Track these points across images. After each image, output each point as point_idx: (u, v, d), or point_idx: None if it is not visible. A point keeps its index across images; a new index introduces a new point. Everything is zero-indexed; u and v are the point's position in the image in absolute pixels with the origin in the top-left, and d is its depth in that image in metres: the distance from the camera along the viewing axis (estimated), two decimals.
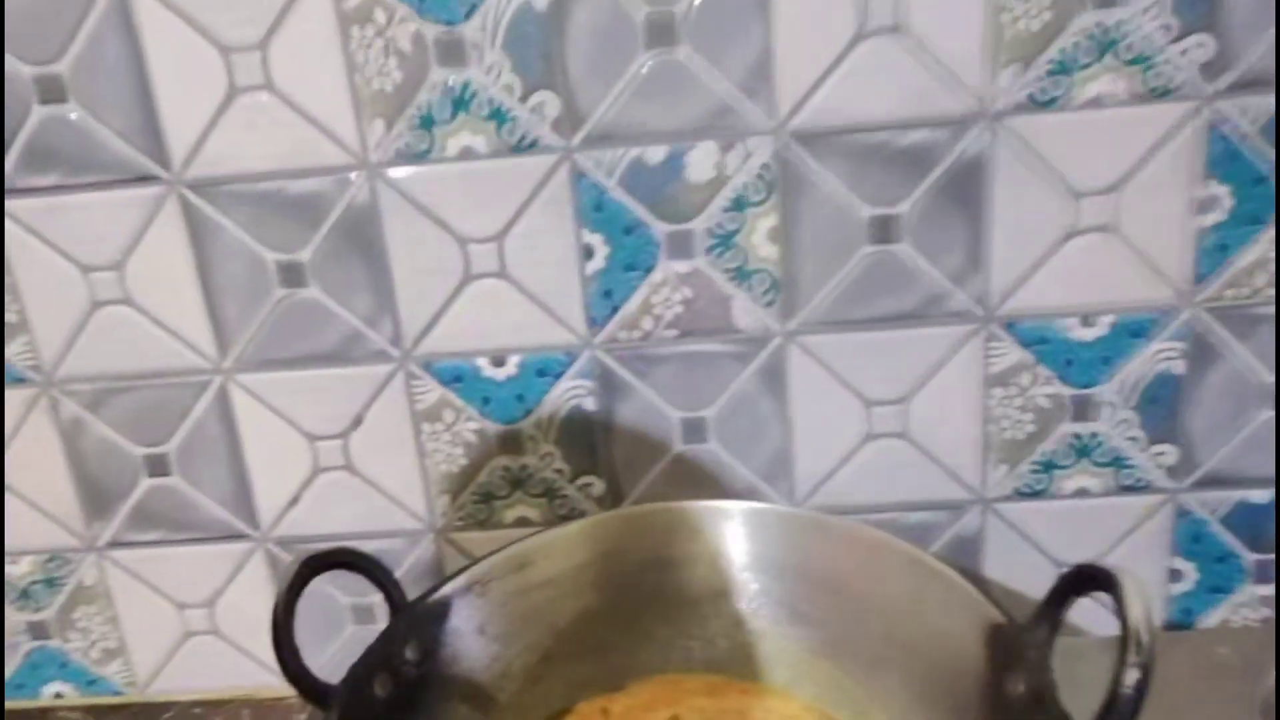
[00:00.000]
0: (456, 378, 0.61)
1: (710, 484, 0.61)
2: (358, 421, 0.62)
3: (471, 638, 0.46)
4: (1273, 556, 0.61)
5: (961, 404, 0.59)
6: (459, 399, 0.61)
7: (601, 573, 0.49)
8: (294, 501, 0.64)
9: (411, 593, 0.46)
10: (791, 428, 0.60)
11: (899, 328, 0.58)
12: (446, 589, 0.46)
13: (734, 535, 0.49)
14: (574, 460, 0.62)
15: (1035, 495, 0.61)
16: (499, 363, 0.60)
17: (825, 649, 0.46)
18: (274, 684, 0.66)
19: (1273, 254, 0.55)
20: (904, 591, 0.43)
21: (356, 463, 0.63)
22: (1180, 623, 0.63)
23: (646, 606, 0.49)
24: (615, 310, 0.59)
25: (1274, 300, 0.56)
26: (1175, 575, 0.62)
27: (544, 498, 0.63)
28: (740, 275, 0.57)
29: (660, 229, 0.57)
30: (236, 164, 0.57)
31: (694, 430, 0.61)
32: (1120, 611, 0.32)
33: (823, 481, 0.62)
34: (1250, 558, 0.61)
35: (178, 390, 0.62)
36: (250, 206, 0.57)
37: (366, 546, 0.48)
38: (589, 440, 0.62)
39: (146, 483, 0.64)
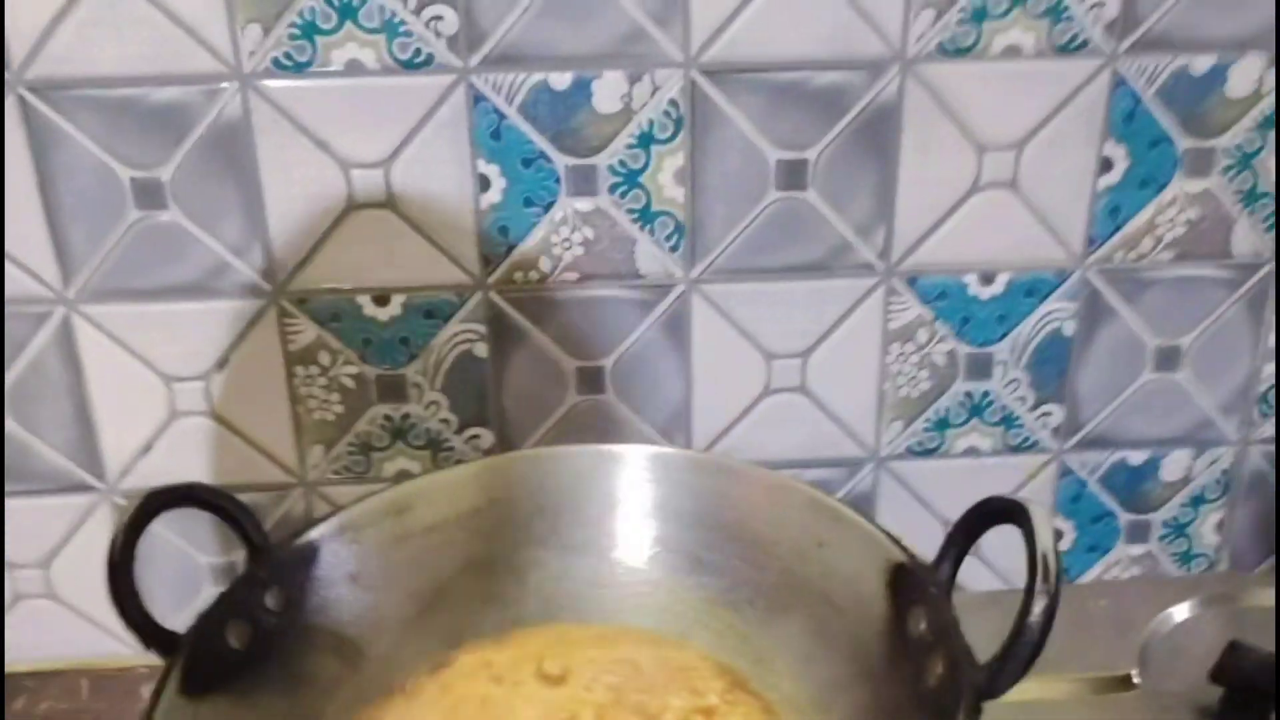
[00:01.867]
0: (334, 316, 0.56)
1: (606, 438, 0.59)
2: (222, 363, 0.56)
3: (342, 586, 0.42)
4: (1146, 516, 0.63)
5: (860, 359, 0.59)
6: (336, 340, 0.56)
7: (489, 520, 0.45)
8: (146, 449, 0.58)
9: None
10: (691, 380, 0.59)
11: (803, 279, 0.57)
12: (314, 533, 0.42)
13: (631, 481, 0.46)
14: (461, 410, 0.58)
15: (928, 453, 0.61)
16: (382, 301, 0.56)
17: (724, 596, 0.44)
18: (120, 652, 0.60)
19: (1162, 219, 0.57)
20: (806, 535, 0.42)
21: (219, 408, 0.57)
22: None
23: (535, 556, 0.46)
24: (511, 249, 0.55)
25: (1165, 264, 0.57)
26: (1055, 535, 0.63)
27: (427, 450, 0.59)
28: (645, 217, 0.55)
29: (562, 163, 0.53)
30: (87, 65, 0.50)
31: (591, 380, 0.58)
32: (1029, 540, 0.31)
33: (721, 436, 0.60)
34: (1125, 517, 0.63)
35: (13, 322, 0.55)
36: (103, 115, 0.51)
37: None
38: (478, 389, 0.58)
39: None
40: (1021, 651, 0.30)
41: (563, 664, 0.42)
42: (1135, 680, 0.52)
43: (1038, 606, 0.30)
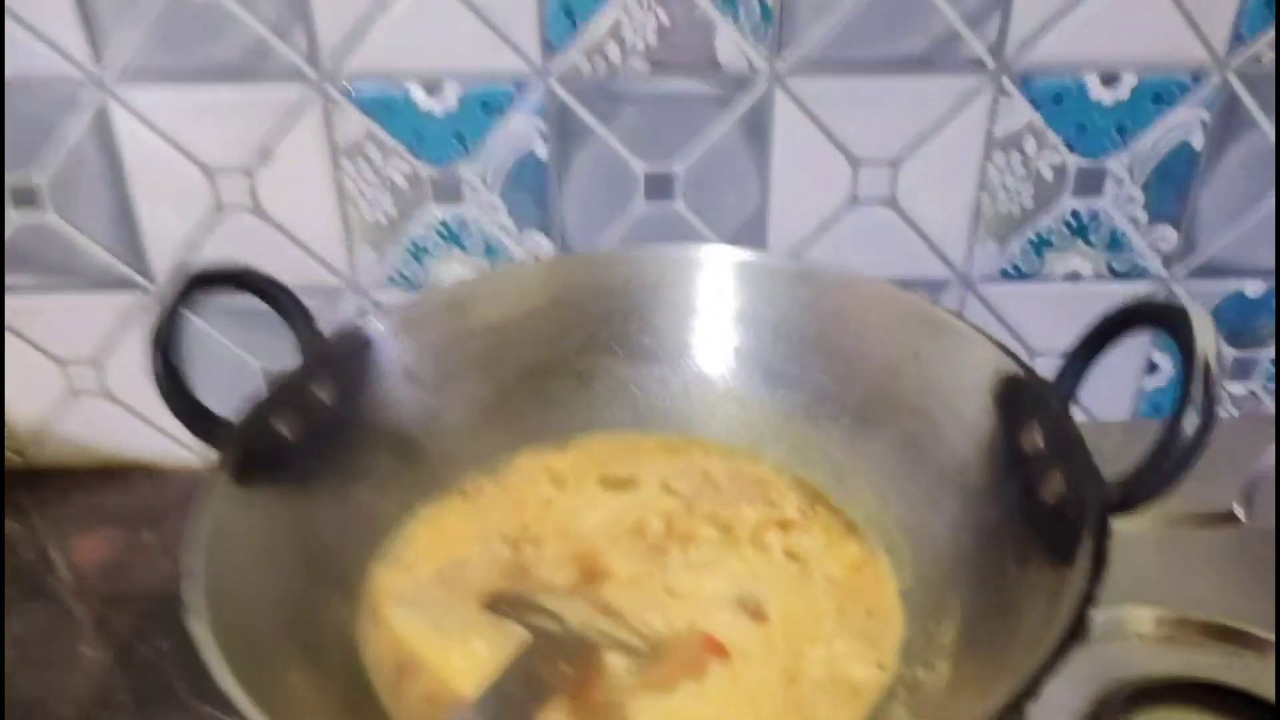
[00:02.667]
0: (384, 107, 0.51)
1: None
2: (265, 154, 0.53)
3: (398, 383, 0.40)
4: (1254, 353, 0.58)
5: (958, 170, 0.53)
6: (386, 134, 0.52)
7: (553, 321, 0.42)
8: (191, 246, 0.55)
9: None
10: (769, 188, 0.54)
11: (901, 75, 0.51)
12: (368, 327, 0.39)
13: (706, 286, 0.43)
14: (520, 214, 0.54)
15: (1023, 277, 0.56)
16: (433, 90, 0.51)
17: (805, 411, 0.41)
18: (179, 454, 0.60)
19: None
20: (901, 346, 0.38)
21: (265, 203, 0.54)
22: (1151, 418, 0.61)
23: (601, 362, 0.43)
24: (577, 32, 0.50)
25: None
26: (1152, 367, 0.59)
27: (485, 256, 0.56)
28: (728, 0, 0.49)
29: None
30: None
31: (659, 186, 0.54)
32: (1185, 348, 0.27)
33: (797, 250, 0.56)
34: (1230, 353, 0.59)
35: (45, 106, 0.51)
36: None
37: None
38: (539, 191, 0.54)
39: (15, 217, 0.54)
40: (1168, 465, 0.26)
41: (629, 470, 0.40)
42: (1239, 516, 0.49)
43: (1192, 417, 0.26)
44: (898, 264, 0.56)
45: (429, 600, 0.35)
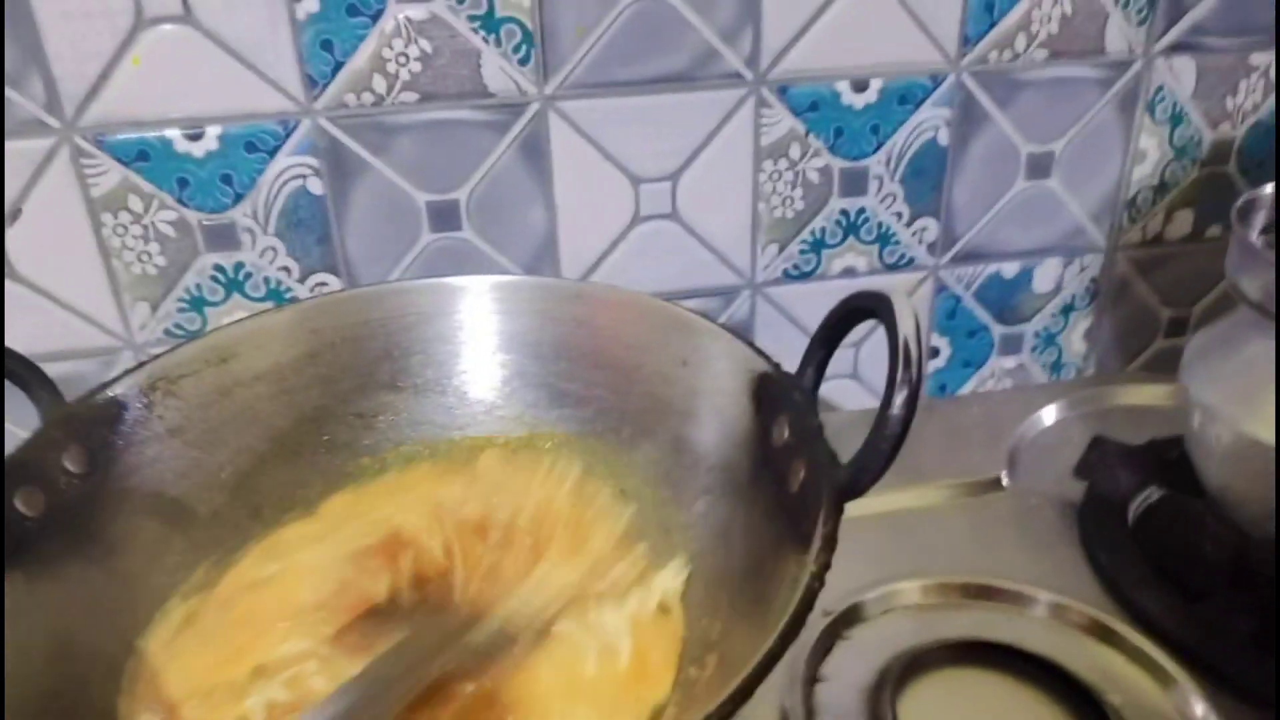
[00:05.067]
0: (141, 155, 0.49)
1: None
2: (15, 214, 0.49)
3: (161, 443, 0.38)
4: (1019, 328, 0.63)
5: (732, 181, 0.56)
6: (146, 182, 0.50)
7: (327, 363, 0.41)
8: None
9: None
10: (555, 210, 0.54)
11: (667, 92, 0.52)
12: (118, 386, 0.37)
13: (479, 314, 0.43)
14: (302, 255, 0.53)
15: (804, 277, 0.59)
16: (194, 135, 0.49)
17: (588, 427, 0.42)
18: None
19: (1037, 13, 0.54)
20: (670, 356, 0.39)
21: (19, 265, 0.51)
22: (936, 397, 0.65)
23: (383, 399, 0.42)
24: (339, 67, 0.49)
25: (1039, 64, 0.55)
26: (933, 352, 0.63)
27: (270, 301, 0.54)
28: (488, 25, 0.49)
29: None
30: None
31: (444, 216, 0.54)
32: (890, 330, 0.29)
33: (591, 269, 0.57)
34: (998, 330, 0.64)
35: None
36: None
37: (51, 371, 0.38)
38: (320, 230, 0.53)
39: None
40: (883, 445, 0.28)
41: (398, 514, 0.39)
42: (1004, 482, 0.53)
43: (899, 397, 0.28)
44: (690, 275, 0.58)
45: (197, 667, 0.33)
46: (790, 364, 0.37)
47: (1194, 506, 0.47)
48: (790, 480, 0.32)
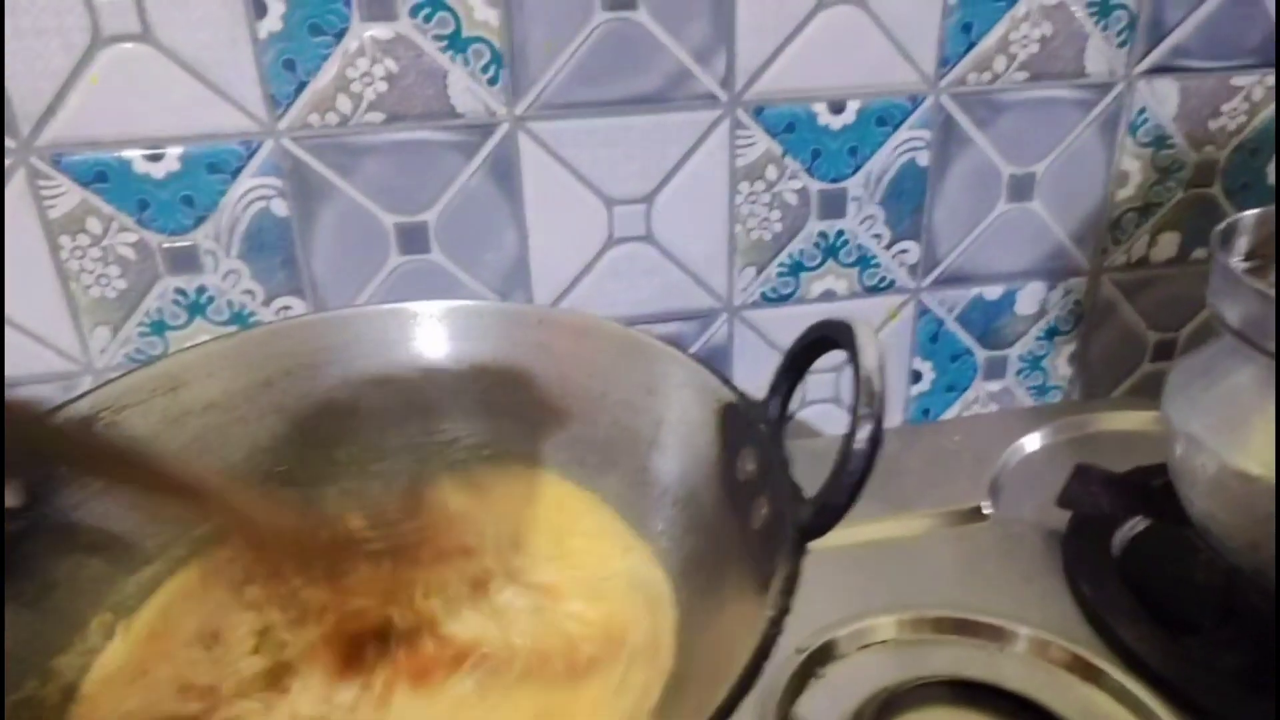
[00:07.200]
0: (99, 175, 0.48)
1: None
2: None
3: None
4: (1003, 352, 0.62)
5: (708, 202, 0.55)
6: (106, 203, 0.49)
7: (285, 393, 0.40)
8: None
9: None
10: (526, 233, 0.53)
11: (640, 113, 0.51)
12: (61, 416, 0.35)
13: (439, 340, 0.41)
14: (266, 278, 0.52)
15: (783, 300, 0.58)
16: (155, 155, 0.48)
17: (556, 456, 0.40)
18: None
19: (1015, 35, 0.53)
20: (636, 384, 0.38)
21: None
22: (919, 422, 0.63)
23: (340, 430, 0.41)
24: (302, 86, 0.48)
25: (1019, 85, 0.54)
26: (915, 376, 0.62)
27: (233, 325, 0.53)
28: (455, 44, 0.48)
29: None
30: None
31: (413, 238, 0.52)
32: (854, 361, 0.28)
33: (564, 293, 0.55)
34: (982, 354, 0.62)
35: None
36: None
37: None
38: (284, 252, 0.51)
39: None
40: (847, 481, 0.27)
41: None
42: (986, 511, 0.51)
43: (862, 432, 0.27)
44: (666, 298, 0.57)
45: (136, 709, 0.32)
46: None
47: (1180, 536, 0.46)
48: (754, 517, 0.31)
